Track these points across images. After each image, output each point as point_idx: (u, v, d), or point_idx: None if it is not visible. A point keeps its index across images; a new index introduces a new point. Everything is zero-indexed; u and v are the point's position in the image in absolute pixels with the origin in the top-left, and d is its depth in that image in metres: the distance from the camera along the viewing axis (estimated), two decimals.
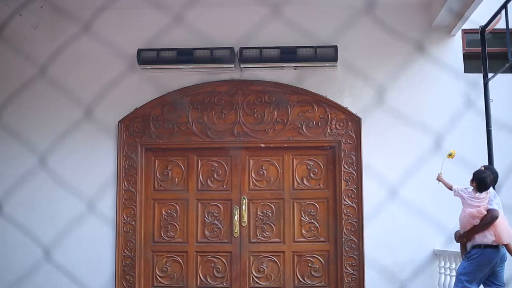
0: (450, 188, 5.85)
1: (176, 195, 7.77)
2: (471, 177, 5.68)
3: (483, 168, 5.70)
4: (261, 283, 7.66)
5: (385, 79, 7.53)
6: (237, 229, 7.66)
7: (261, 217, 7.73)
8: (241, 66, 7.65)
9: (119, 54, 7.54)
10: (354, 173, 7.51)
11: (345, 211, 7.49)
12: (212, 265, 7.67)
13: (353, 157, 7.52)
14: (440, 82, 7.64)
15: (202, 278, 7.65)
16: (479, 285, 5.55)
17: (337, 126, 7.63)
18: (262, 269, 7.66)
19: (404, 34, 7.51)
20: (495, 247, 5.46)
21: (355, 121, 7.61)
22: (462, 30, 7.63)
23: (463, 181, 5.75)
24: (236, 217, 7.67)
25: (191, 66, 7.63)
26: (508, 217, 5.62)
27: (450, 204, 5.95)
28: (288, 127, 7.67)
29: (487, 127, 7.11)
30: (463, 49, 7.71)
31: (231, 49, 7.56)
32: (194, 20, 7.30)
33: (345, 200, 7.50)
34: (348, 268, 7.42)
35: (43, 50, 7.72)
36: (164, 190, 7.80)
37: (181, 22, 7.18)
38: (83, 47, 7.64)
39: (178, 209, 7.76)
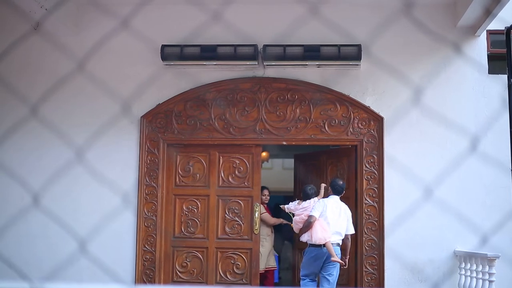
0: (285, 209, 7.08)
1: (197, 191, 7.81)
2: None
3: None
4: None
5: (408, 78, 7.50)
6: (257, 226, 7.68)
7: None
8: (264, 63, 7.65)
9: (142, 49, 7.59)
10: (376, 172, 7.48)
11: (365, 210, 7.46)
12: (232, 261, 7.70)
13: (375, 156, 7.50)
14: (464, 81, 7.60)
15: (222, 274, 7.68)
16: (314, 278, 6.76)
17: (359, 125, 7.61)
18: None
19: (428, 34, 7.48)
20: (317, 245, 6.58)
21: (378, 120, 7.59)
22: (486, 31, 7.58)
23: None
24: (256, 214, 7.70)
25: (214, 63, 7.64)
26: None
27: (474, 207, 5.94)
28: (310, 125, 7.66)
29: (510, 128, 7.06)
30: (488, 50, 7.67)
31: (254, 46, 7.54)
32: (219, 16, 7.29)
33: (366, 199, 7.48)
34: (368, 267, 7.41)
35: (68, 44, 7.77)
36: (185, 186, 7.83)
37: (205, 18, 7.18)
38: (106, 41, 7.66)
39: (199, 205, 7.79)
